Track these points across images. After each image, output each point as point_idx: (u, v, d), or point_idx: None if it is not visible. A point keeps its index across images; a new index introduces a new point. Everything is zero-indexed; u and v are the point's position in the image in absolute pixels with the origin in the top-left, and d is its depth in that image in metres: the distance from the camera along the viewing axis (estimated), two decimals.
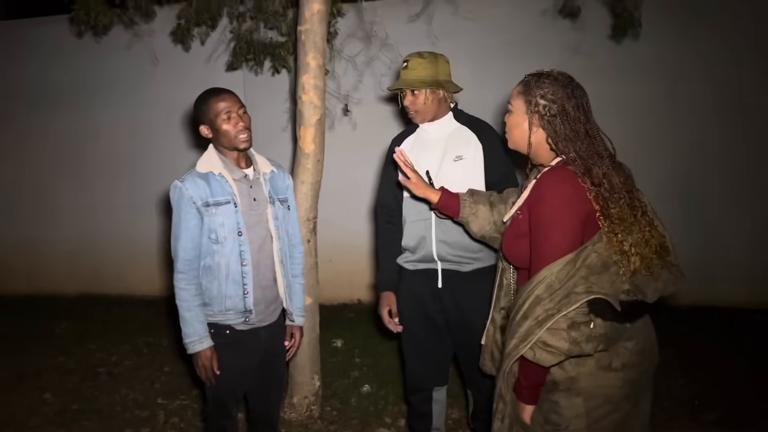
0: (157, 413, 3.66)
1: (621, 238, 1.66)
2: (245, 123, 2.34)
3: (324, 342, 3.69)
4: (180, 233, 2.31)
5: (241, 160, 2.42)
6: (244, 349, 2.41)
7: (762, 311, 4.92)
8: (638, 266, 1.69)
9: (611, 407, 1.74)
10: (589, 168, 1.70)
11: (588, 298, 1.62)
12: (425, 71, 2.57)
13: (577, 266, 1.64)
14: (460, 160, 2.58)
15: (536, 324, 1.65)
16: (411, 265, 2.71)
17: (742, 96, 4.95)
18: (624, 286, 1.68)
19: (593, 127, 1.77)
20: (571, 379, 1.73)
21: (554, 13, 4.74)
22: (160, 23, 4.99)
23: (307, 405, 3.47)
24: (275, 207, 2.46)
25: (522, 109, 1.83)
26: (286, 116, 5.44)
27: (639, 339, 1.76)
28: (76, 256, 6.20)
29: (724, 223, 5.10)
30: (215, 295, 2.35)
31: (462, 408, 3.50)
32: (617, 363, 1.72)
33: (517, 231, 1.87)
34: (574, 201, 1.69)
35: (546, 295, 1.65)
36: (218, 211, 2.30)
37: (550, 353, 1.64)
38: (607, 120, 1.90)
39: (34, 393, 3.92)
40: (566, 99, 1.76)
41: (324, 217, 3.62)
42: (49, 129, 6.12)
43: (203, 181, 2.31)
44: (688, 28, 4.94)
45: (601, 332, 1.64)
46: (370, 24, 3.99)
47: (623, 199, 1.71)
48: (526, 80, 1.85)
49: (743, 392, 3.59)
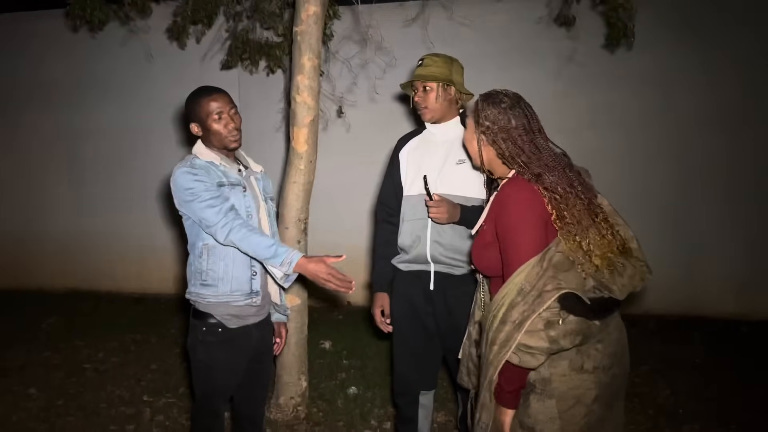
0: (142, 410, 3.64)
1: (578, 239, 1.74)
2: (236, 124, 2.34)
3: (312, 343, 3.69)
4: (200, 192, 2.21)
5: (231, 157, 2.43)
6: (236, 347, 2.38)
7: (748, 323, 4.96)
8: (600, 264, 1.75)
9: (584, 409, 1.77)
10: (540, 177, 1.80)
11: (558, 294, 1.68)
12: (439, 69, 2.61)
13: (544, 267, 1.72)
14: (463, 163, 2.60)
15: (514, 328, 1.69)
16: (405, 265, 2.72)
17: (735, 106, 5.00)
18: (589, 283, 1.75)
19: (540, 142, 1.87)
20: (545, 381, 1.77)
21: (549, 21, 4.77)
22: (156, 20, 4.99)
23: (293, 406, 3.47)
24: (267, 205, 2.49)
25: (472, 128, 1.96)
26: (279, 116, 5.44)
27: (609, 341, 1.82)
28: (65, 252, 6.18)
29: (713, 234, 5.13)
30: (221, 276, 2.30)
31: (448, 412, 3.52)
32: (589, 365, 1.77)
33: (483, 241, 1.95)
34: (534, 205, 1.79)
35: (520, 298, 1.71)
36: (231, 193, 2.29)
37: (532, 355, 1.69)
38: (599, 128, 1.94)
39: (18, 388, 3.89)
40: (508, 120, 1.87)
41: (315, 218, 3.62)
42: (41, 124, 6.10)
43: (212, 166, 2.31)
44: (681, 39, 4.98)
45: (575, 327, 1.70)
46: (366, 27, 4.00)
47: (579, 204, 1.78)
48: (476, 101, 1.97)
49: (728, 404, 3.61)
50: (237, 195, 2.31)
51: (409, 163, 2.74)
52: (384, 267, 2.83)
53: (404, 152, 2.79)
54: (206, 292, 2.32)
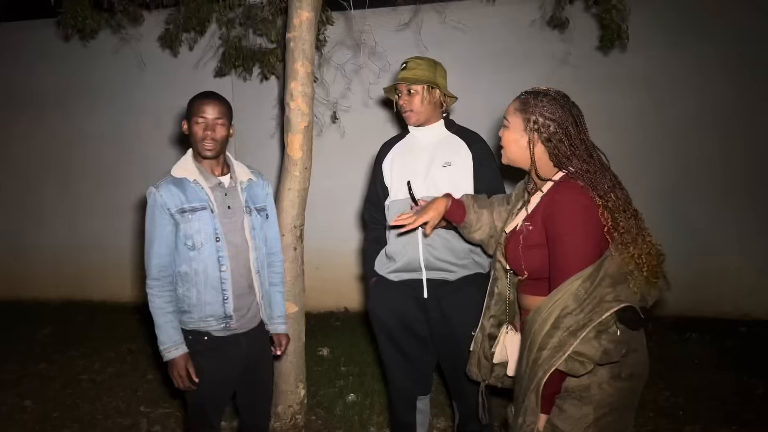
0: (139, 421, 3.61)
1: (632, 251, 1.71)
2: (214, 134, 2.32)
3: (310, 350, 3.67)
4: (154, 239, 2.30)
5: (217, 167, 2.41)
6: (224, 356, 2.37)
7: (747, 322, 4.96)
8: (649, 275, 1.73)
9: (617, 416, 1.77)
10: (594, 183, 1.75)
11: (619, 307, 1.66)
12: (424, 72, 2.59)
13: (600, 276, 1.68)
14: (449, 166, 2.58)
15: (569, 334, 1.66)
16: (395, 275, 2.68)
17: (729, 107, 5.01)
18: (638, 295, 1.73)
19: (591, 144, 1.84)
20: (584, 387, 1.75)
21: (542, 23, 4.78)
22: (148, 28, 4.98)
23: (291, 414, 3.44)
24: (252, 216, 2.44)
25: (520, 126, 1.87)
26: (274, 123, 5.43)
27: (642, 350, 1.81)
28: (59, 261, 6.14)
29: (710, 234, 5.14)
30: (194, 302, 2.32)
31: (448, 418, 3.49)
32: (626, 373, 1.75)
33: (528, 242, 1.89)
34: (590, 211, 1.74)
35: (575, 305, 1.68)
36: (194, 217, 2.29)
37: (581, 363, 1.66)
38: (594, 131, 1.92)
39: (13, 400, 3.86)
40: (564, 117, 1.81)
41: (311, 224, 3.60)
42: (33, 133, 6.07)
43: (177, 188, 2.31)
44: (675, 41, 5.00)
45: (624, 339, 1.69)
46: (359, 32, 4.00)
47: (628, 211, 1.76)
48: (523, 98, 1.89)
49: (729, 404, 3.60)
50: (202, 219, 2.30)
51: (393, 168, 2.72)
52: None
53: (388, 158, 2.77)
54: (185, 319, 2.35)
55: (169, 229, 2.29)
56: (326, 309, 5.63)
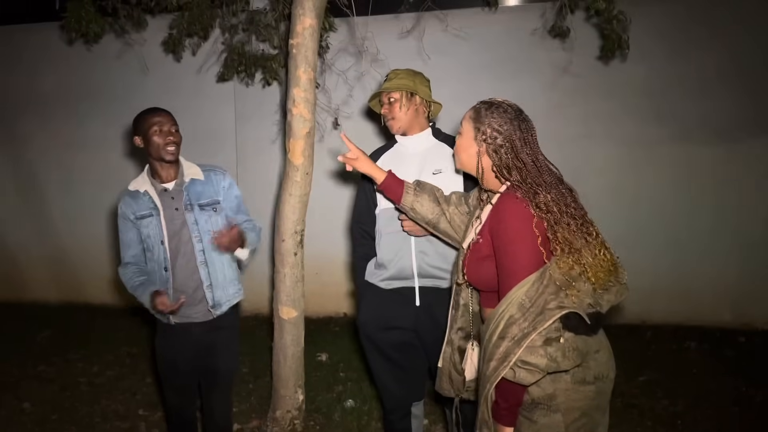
0: (137, 424, 3.62)
1: (572, 261, 1.72)
2: (175, 139, 2.61)
3: (308, 355, 3.67)
4: (122, 242, 2.71)
5: (169, 171, 2.66)
6: (177, 339, 2.70)
7: (745, 332, 4.96)
8: (595, 285, 1.75)
9: (587, 419, 1.78)
10: (535, 195, 1.77)
11: (561, 313, 1.67)
12: (402, 81, 2.64)
13: (544, 283, 1.70)
14: (440, 173, 2.60)
15: (514, 343, 1.68)
16: (385, 283, 2.69)
17: (727, 116, 5.02)
18: (586, 300, 1.74)
19: (539, 158, 1.86)
20: (549, 396, 1.76)
21: (544, 32, 4.79)
22: (152, 33, 4.99)
23: (290, 419, 3.44)
24: (194, 212, 2.65)
25: (471, 134, 1.93)
26: (275, 128, 5.45)
27: (604, 349, 1.83)
28: (59, 264, 6.14)
29: (709, 243, 5.14)
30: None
31: (446, 424, 3.49)
32: (590, 376, 1.77)
33: (479, 255, 1.93)
34: (531, 221, 1.75)
35: (519, 314, 1.69)
36: (144, 224, 2.62)
37: (529, 372, 1.67)
38: (594, 138, 1.93)
39: (12, 402, 3.87)
40: (513, 131, 1.85)
41: (311, 230, 3.61)
42: (36, 136, 6.08)
43: (131, 199, 2.65)
44: (675, 50, 5.01)
45: (574, 346, 1.70)
46: (362, 39, 4.01)
47: (572, 224, 1.76)
48: (477, 107, 1.94)
49: (726, 413, 3.61)
50: (151, 225, 2.62)
51: None
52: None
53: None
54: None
55: (134, 231, 2.67)
56: (326, 314, 5.64)
